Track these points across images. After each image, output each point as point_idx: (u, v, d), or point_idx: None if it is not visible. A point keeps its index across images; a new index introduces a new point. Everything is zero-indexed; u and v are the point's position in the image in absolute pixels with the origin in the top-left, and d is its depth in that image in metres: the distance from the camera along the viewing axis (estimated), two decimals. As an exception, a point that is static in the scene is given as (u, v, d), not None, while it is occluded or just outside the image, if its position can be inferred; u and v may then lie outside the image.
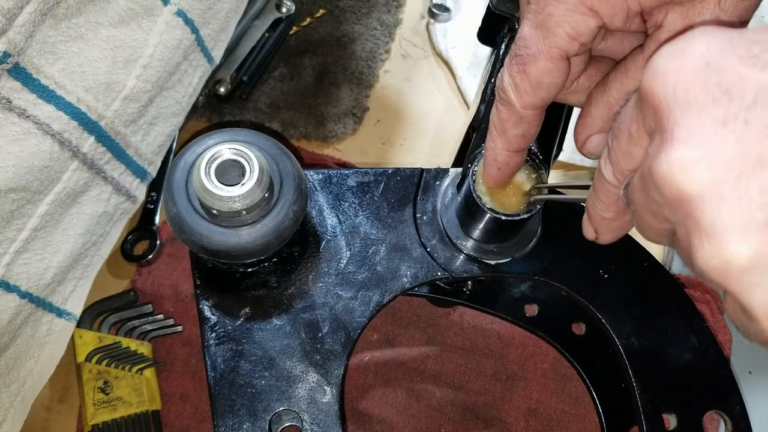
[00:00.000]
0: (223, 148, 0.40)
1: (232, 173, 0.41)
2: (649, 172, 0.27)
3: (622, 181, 0.31)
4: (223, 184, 0.41)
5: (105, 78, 0.53)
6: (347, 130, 0.73)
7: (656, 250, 0.67)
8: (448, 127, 0.73)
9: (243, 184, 0.41)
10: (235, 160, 0.41)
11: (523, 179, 0.45)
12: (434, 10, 0.77)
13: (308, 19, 0.78)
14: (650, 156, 0.27)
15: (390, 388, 0.61)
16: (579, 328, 0.59)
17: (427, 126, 0.74)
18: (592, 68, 0.41)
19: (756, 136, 0.23)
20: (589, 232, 0.36)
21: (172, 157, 0.68)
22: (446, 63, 0.76)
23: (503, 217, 0.45)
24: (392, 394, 0.60)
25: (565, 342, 0.59)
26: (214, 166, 0.41)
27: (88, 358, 0.63)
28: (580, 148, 0.42)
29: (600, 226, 0.35)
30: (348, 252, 0.48)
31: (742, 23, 0.36)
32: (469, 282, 0.60)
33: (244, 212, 0.42)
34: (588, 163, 0.70)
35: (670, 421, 0.47)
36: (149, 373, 0.63)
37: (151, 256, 0.68)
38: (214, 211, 0.41)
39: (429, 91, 0.76)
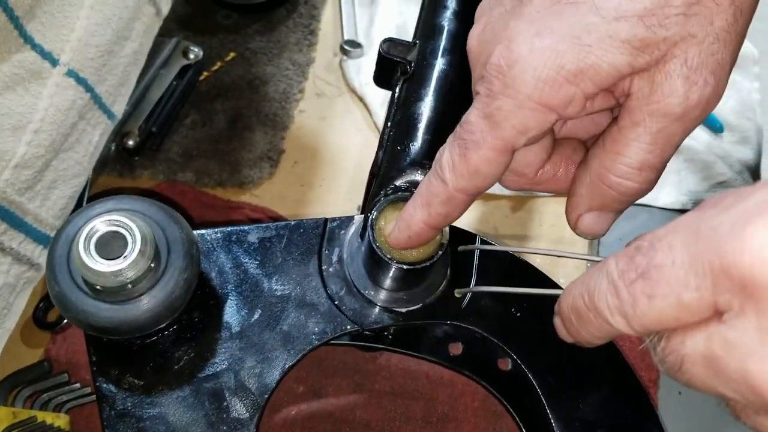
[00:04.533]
0: (99, 221, 0.39)
1: (115, 245, 0.40)
2: (740, 372, 0.24)
3: (640, 334, 0.29)
4: (104, 258, 0.39)
5: (-9, 148, 0.51)
6: (263, 175, 0.71)
7: (573, 274, 0.67)
8: (366, 164, 0.71)
9: (125, 257, 0.39)
10: (116, 232, 0.39)
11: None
12: (346, 47, 0.76)
13: (218, 64, 0.76)
14: (733, 345, 0.25)
15: (319, 442, 0.59)
16: (505, 364, 0.58)
17: (346, 164, 0.73)
18: (557, 155, 0.41)
19: None
20: (568, 340, 0.35)
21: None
22: (361, 99, 0.75)
23: (405, 266, 0.44)
24: (321, 447, 0.59)
25: (492, 379, 0.58)
26: (93, 240, 0.39)
27: (1, 437, 0.59)
28: (573, 228, 0.42)
29: (585, 344, 0.33)
30: (251, 313, 0.47)
31: (714, 77, 0.35)
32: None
33: (129, 285, 0.40)
34: (507, 192, 0.69)
35: (594, 457, 0.47)
36: (67, 447, 0.60)
37: (65, 322, 0.65)
38: (98, 287, 0.39)
39: (346, 129, 0.75)
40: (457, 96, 0.47)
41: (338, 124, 0.75)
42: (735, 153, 0.73)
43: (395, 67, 0.49)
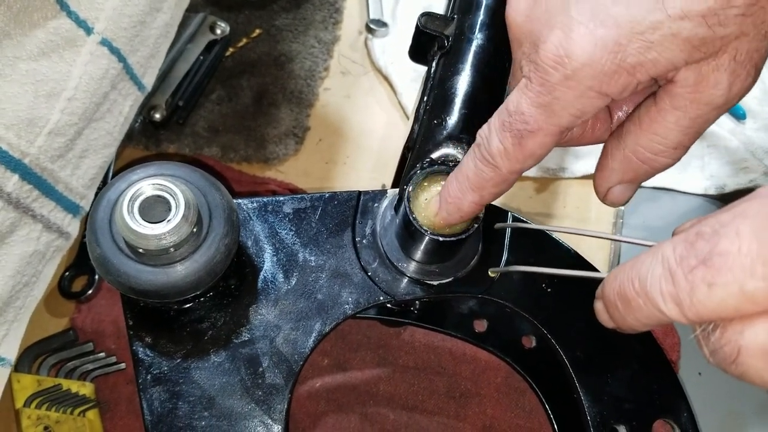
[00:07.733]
0: (145, 184, 0.39)
1: (158, 209, 0.40)
2: None
3: (692, 323, 0.27)
4: (147, 221, 0.39)
5: (26, 114, 0.51)
6: (289, 151, 0.71)
7: (601, 258, 0.67)
8: (390, 143, 0.73)
9: (169, 221, 0.39)
10: (159, 196, 0.40)
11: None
12: (371, 26, 0.76)
13: (244, 40, 0.76)
14: None
15: (343, 414, 0.59)
16: (529, 341, 0.59)
17: (370, 143, 0.73)
18: None
19: None
20: (609, 325, 0.33)
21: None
22: (386, 78, 0.75)
23: (441, 239, 0.44)
24: (345, 420, 0.59)
25: (516, 356, 0.59)
26: (137, 203, 0.39)
27: (27, 403, 0.60)
28: (602, 198, 0.43)
29: (628, 330, 0.32)
30: (287, 281, 0.47)
31: (756, 69, 0.36)
32: (417, 302, 0.59)
33: (172, 249, 0.40)
34: (532, 174, 0.70)
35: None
36: (92, 414, 0.60)
37: (90, 292, 0.65)
38: (141, 250, 0.40)
39: (370, 108, 0.75)
40: (495, 71, 0.47)
41: (363, 102, 0.75)
42: (757, 139, 0.73)
43: (432, 41, 0.50)
